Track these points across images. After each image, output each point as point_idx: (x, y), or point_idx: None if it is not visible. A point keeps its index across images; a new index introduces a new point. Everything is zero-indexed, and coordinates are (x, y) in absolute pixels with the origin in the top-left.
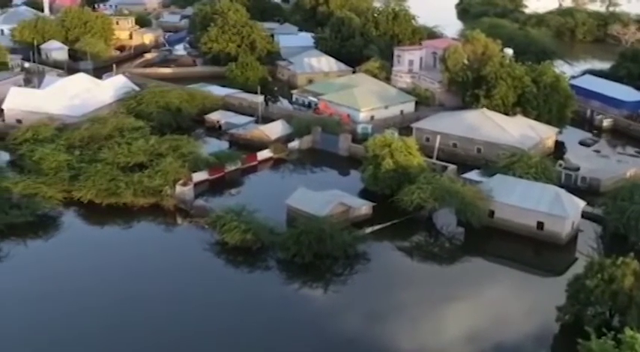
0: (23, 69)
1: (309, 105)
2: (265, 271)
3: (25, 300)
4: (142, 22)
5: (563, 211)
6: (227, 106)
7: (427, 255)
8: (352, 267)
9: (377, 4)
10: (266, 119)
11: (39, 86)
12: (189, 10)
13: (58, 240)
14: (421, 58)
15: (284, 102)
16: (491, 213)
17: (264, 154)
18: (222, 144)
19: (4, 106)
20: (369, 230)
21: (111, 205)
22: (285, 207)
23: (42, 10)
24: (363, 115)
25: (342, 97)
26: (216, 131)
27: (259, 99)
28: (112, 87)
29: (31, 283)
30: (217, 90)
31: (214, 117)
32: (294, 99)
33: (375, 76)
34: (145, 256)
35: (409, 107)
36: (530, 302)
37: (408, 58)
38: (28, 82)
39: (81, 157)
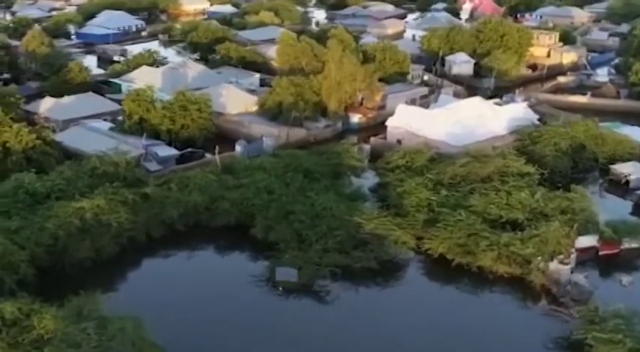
0: (422, 81)
1: None
2: None
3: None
4: (566, 38)
5: None
6: None
7: None
8: None
9: None
10: None
11: (434, 102)
12: (623, 28)
13: (395, 292)
14: None
15: None
16: None
17: None
18: (625, 206)
19: (387, 123)
20: None
21: (461, 265)
22: None
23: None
24: None
25: None
26: (621, 187)
27: None
28: (509, 116)
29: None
30: (637, 134)
31: (623, 169)
32: None
33: None
34: (482, 338)
35: None
36: None
37: None
38: (424, 97)
39: (445, 198)
